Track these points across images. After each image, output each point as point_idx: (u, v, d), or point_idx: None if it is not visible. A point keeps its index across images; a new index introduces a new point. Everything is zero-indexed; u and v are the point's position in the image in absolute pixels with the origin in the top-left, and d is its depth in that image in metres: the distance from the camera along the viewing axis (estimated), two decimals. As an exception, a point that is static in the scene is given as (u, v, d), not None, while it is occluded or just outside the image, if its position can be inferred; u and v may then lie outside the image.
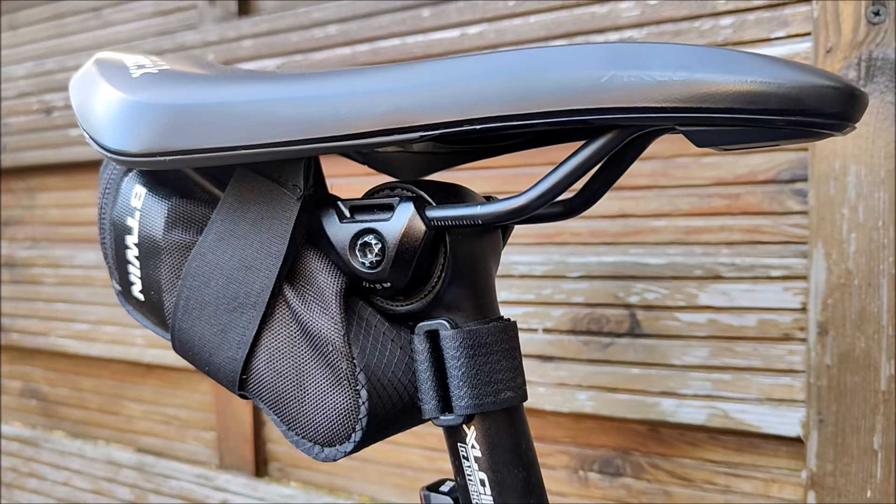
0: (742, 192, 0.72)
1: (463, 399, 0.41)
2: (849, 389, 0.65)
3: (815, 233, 0.66)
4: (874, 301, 0.64)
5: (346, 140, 0.39)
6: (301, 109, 0.40)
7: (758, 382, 0.69)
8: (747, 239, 0.72)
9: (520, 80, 0.37)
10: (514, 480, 0.42)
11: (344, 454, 0.43)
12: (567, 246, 0.80)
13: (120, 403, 1.19)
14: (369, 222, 0.42)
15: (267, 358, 0.44)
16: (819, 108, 0.33)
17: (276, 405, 0.45)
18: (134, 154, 0.41)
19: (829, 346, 0.66)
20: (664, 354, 0.73)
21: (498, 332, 0.43)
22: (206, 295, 0.45)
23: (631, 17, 0.73)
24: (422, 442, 0.92)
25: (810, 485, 0.68)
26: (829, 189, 0.65)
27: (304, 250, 0.44)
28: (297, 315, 0.43)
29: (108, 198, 0.48)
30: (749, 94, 0.33)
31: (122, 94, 0.42)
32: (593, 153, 0.38)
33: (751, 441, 0.73)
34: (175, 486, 1.09)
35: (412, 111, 0.38)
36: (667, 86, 0.34)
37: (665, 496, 0.77)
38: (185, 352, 0.47)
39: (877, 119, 0.63)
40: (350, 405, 0.42)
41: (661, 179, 0.75)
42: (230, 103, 0.41)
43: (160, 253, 0.46)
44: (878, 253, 0.63)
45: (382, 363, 0.43)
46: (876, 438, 0.64)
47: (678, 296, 0.72)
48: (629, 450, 0.79)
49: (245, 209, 0.44)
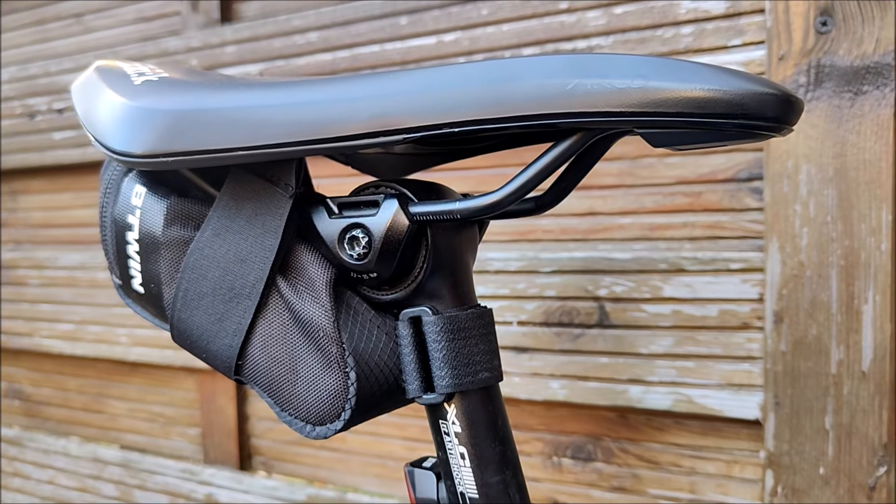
0: (703, 190, 0.76)
1: (444, 379, 0.45)
2: (802, 374, 0.70)
3: (771, 228, 0.70)
4: (824, 291, 0.68)
5: (335, 142, 0.43)
6: (293, 114, 0.44)
7: (719, 369, 0.74)
8: (708, 234, 0.76)
9: (493, 88, 0.41)
10: (492, 454, 0.46)
11: (334, 432, 0.47)
12: (539, 243, 0.84)
13: (104, 402, 1.21)
14: (356, 218, 0.46)
15: (261, 344, 0.48)
16: (760, 113, 0.37)
17: (270, 388, 0.48)
18: (138, 155, 0.45)
19: (784, 333, 0.70)
20: (631, 344, 0.78)
21: (476, 318, 0.47)
22: (203, 286, 0.48)
23: (598, 25, 0.77)
24: (403, 433, 0.95)
25: (768, 464, 0.72)
26: (783, 187, 0.70)
27: (295, 244, 0.48)
28: (289, 304, 0.47)
29: (110, 197, 0.51)
30: (698, 100, 0.37)
31: (126, 100, 0.46)
32: (560, 153, 0.42)
33: (713, 425, 0.77)
34: (160, 482, 1.12)
35: (396, 115, 0.42)
36: (625, 92, 0.38)
37: (634, 479, 0.82)
38: (183, 340, 0.50)
39: (825, 122, 0.68)
40: (340, 386, 0.46)
41: (628, 179, 0.80)
42: (227, 108, 0.44)
43: (160, 248, 0.49)
44: (827, 246, 0.68)
45: (369, 348, 0.46)
46: (827, 419, 0.69)
47: (644, 288, 0.77)
48: (600, 436, 0.83)
49: (240, 206, 0.48)
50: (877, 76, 0.65)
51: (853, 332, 0.67)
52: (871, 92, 0.66)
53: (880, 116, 0.65)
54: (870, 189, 0.66)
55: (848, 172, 0.67)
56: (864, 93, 0.66)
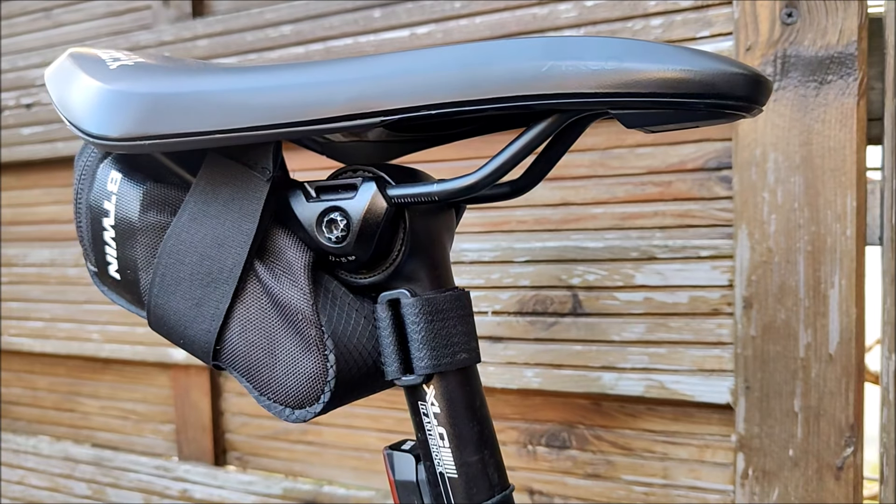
0: (673, 179, 0.77)
1: (423, 360, 0.46)
2: (771, 358, 0.71)
3: (740, 215, 0.72)
4: (792, 276, 0.70)
5: (312, 125, 0.43)
6: (271, 97, 0.44)
7: (690, 355, 0.75)
8: (679, 223, 0.77)
9: (470, 70, 0.41)
10: (470, 433, 0.47)
11: (313, 415, 0.47)
12: (513, 233, 0.85)
13: (75, 400, 1.20)
14: (334, 201, 0.46)
15: (240, 329, 0.48)
16: (730, 92, 0.38)
17: (249, 372, 0.48)
18: (114, 138, 0.44)
19: (753, 318, 0.72)
20: (604, 331, 0.79)
21: (453, 300, 0.47)
22: (180, 271, 0.48)
23: (569, 17, 0.78)
24: (378, 425, 0.95)
25: (739, 447, 0.74)
26: (751, 175, 0.71)
27: (272, 229, 0.48)
28: (267, 288, 0.47)
29: (84, 183, 0.51)
30: (671, 81, 0.38)
31: (102, 84, 0.45)
32: (536, 136, 0.43)
33: (685, 410, 0.78)
34: (134, 479, 1.11)
35: (373, 98, 0.42)
36: (599, 74, 0.39)
37: (608, 466, 0.83)
38: (160, 327, 0.50)
39: (791, 110, 0.69)
40: (319, 369, 0.46)
41: (599, 169, 0.81)
42: (205, 92, 0.44)
43: (136, 233, 0.49)
44: (794, 232, 0.70)
45: (348, 331, 0.47)
46: (796, 402, 0.71)
47: (616, 277, 0.78)
48: (574, 423, 0.84)
49: (217, 191, 0.48)
50: (840, 66, 0.67)
51: (820, 316, 0.69)
52: (836, 81, 0.67)
53: (844, 105, 0.67)
54: (835, 176, 0.68)
55: (814, 160, 0.68)
56: (829, 82, 0.68)
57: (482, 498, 0.46)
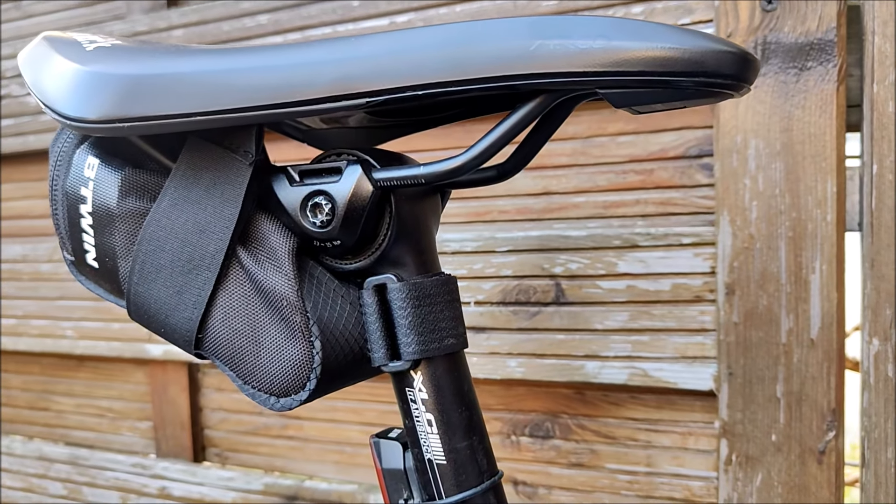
0: (655, 167, 0.77)
1: (410, 346, 0.45)
2: (754, 344, 0.71)
3: (721, 202, 0.72)
4: (774, 262, 0.70)
5: (296, 107, 0.42)
6: (253, 79, 0.43)
7: (673, 342, 0.75)
8: (660, 211, 0.77)
9: (457, 50, 0.41)
10: (459, 419, 0.46)
11: (299, 403, 0.46)
12: (495, 223, 0.85)
13: (49, 399, 1.18)
14: (319, 185, 0.45)
15: (222, 316, 0.47)
16: (718, 70, 0.38)
17: (232, 361, 0.47)
18: (92, 121, 0.43)
19: (735, 305, 0.72)
20: (587, 320, 0.78)
21: (440, 285, 0.47)
22: (161, 259, 0.47)
23: (549, 6, 0.77)
24: (360, 418, 0.95)
25: (722, 433, 0.74)
26: (733, 162, 0.71)
27: (255, 214, 0.47)
28: (250, 274, 0.46)
29: (60, 169, 0.50)
30: (659, 59, 0.38)
31: (79, 66, 0.44)
32: (523, 116, 0.42)
33: (668, 398, 0.79)
34: (110, 478, 1.09)
35: (359, 79, 0.42)
36: (588, 53, 0.39)
37: (592, 455, 0.83)
38: (140, 316, 0.49)
39: (772, 97, 0.69)
40: (304, 356, 0.45)
41: (581, 158, 0.80)
42: (186, 73, 0.43)
43: (115, 220, 0.48)
44: (776, 218, 0.70)
45: (334, 317, 0.46)
46: (778, 387, 0.71)
47: (599, 265, 0.78)
48: (557, 413, 0.84)
49: (198, 176, 0.47)
50: (820, 52, 0.67)
51: (802, 302, 0.69)
52: (816, 68, 0.68)
53: (824, 91, 0.67)
54: (815, 162, 0.68)
55: (794, 146, 0.69)
56: (809, 68, 0.68)
57: (472, 484, 0.46)
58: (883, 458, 0.68)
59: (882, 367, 0.67)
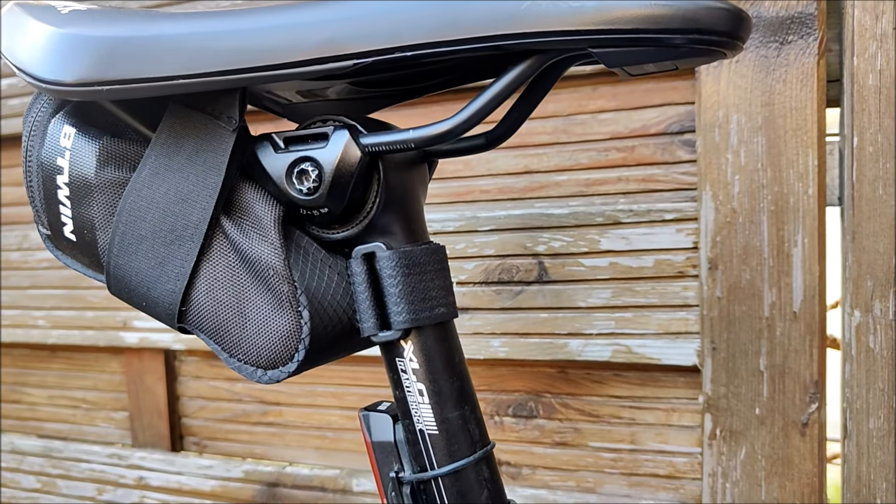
0: (636, 144, 0.77)
1: (401, 315, 0.44)
2: (737, 318, 0.72)
3: (704, 177, 0.72)
4: (756, 236, 0.70)
5: (282, 69, 0.41)
6: (237, 40, 0.42)
7: (656, 318, 0.75)
8: (642, 188, 0.77)
9: (447, 9, 0.40)
10: (450, 389, 0.46)
11: (287, 374, 0.45)
12: (477, 203, 0.84)
13: (21, 391, 1.15)
14: (305, 151, 0.44)
15: (206, 288, 0.46)
16: (712, 27, 0.38)
17: (217, 333, 0.46)
18: (69, 84, 0.42)
19: (718, 279, 0.72)
20: (570, 298, 0.78)
21: (430, 254, 0.46)
22: (142, 229, 0.46)
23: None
24: (341, 403, 0.94)
25: (706, 408, 0.74)
26: (715, 137, 0.71)
27: (239, 183, 0.46)
28: (235, 244, 0.45)
29: (35, 140, 0.48)
30: (653, 16, 0.37)
31: (55, 28, 0.43)
32: (514, 78, 0.41)
33: (651, 375, 0.79)
34: (85, 469, 1.07)
35: (346, 40, 0.41)
36: (581, 11, 0.38)
37: (576, 433, 0.82)
38: (120, 290, 0.48)
39: (753, 71, 0.69)
40: (292, 326, 0.44)
41: (562, 136, 0.80)
42: (166, 35, 0.42)
43: (93, 191, 0.47)
44: (758, 192, 0.70)
45: (322, 287, 0.45)
46: (761, 360, 0.71)
47: (581, 243, 0.77)
48: (541, 392, 0.83)
49: (179, 143, 0.45)
50: (801, 26, 0.68)
51: (784, 275, 0.70)
52: (796, 41, 0.68)
53: (805, 65, 0.68)
54: (797, 136, 0.68)
55: (776, 120, 0.69)
56: (790, 42, 0.68)
57: (464, 454, 0.45)
58: (865, 428, 0.69)
59: (863, 338, 0.68)
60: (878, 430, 0.68)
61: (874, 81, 0.66)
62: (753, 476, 0.72)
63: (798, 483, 0.71)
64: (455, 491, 0.45)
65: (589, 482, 0.82)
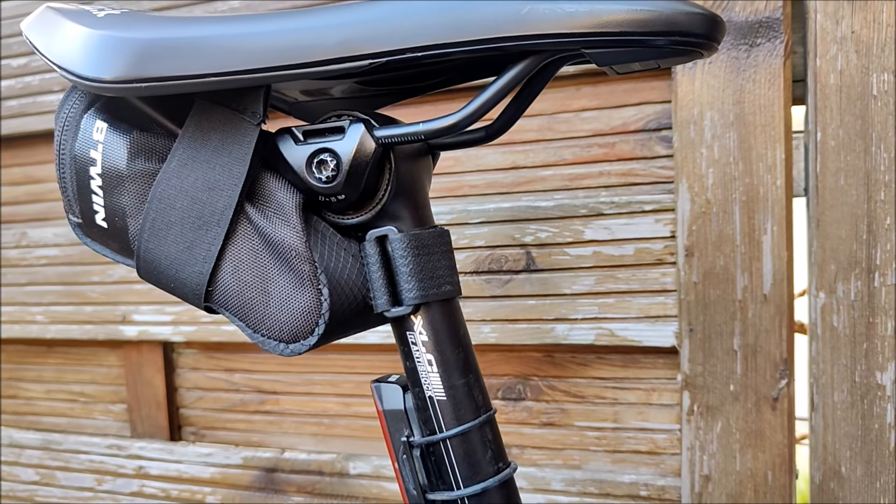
0: (617, 141, 0.82)
1: (412, 291, 0.49)
2: (712, 301, 0.77)
3: (680, 171, 0.77)
4: (729, 225, 0.76)
5: (303, 68, 0.46)
6: (262, 41, 0.46)
7: (637, 303, 0.80)
8: (623, 181, 0.82)
9: (454, 14, 0.44)
10: (456, 359, 0.50)
11: (307, 348, 0.49)
12: (467, 197, 0.89)
13: (18, 386, 1.18)
14: (323, 143, 0.48)
15: (232, 269, 0.50)
16: (690, 29, 0.43)
17: (242, 311, 0.50)
18: (109, 81, 0.46)
19: (694, 266, 0.77)
20: (556, 285, 0.83)
21: (437, 237, 0.50)
22: (172, 216, 0.50)
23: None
24: (337, 390, 0.98)
25: (684, 386, 0.79)
26: (690, 133, 0.76)
27: (262, 172, 0.50)
28: (259, 229, 0.49)
29: (68, 134, 0.52)
30: (638, 20, 0.42)
31: (94, 30, 0.47)
32: (514, 76, 0.46)
33: (633, 357, 0.84)
34: (85, 461, 1.10)
35: (362, 41, 0.45)
36: (575, 16, 0.43)
37: (562, 414, 0.87)
38: (149, 272, 0.52)
39: (725, 72, 0.75)
40: (313, 303, 0.49)
41: (548, 133, 0.85)
42: (198, 37, 0.46)
43: (124, 181, 0.51)
44: (730, 184, 0.75)
45: (339, 267, 0.49)
46: (735, 340, 0.77)
47: (566, 233, 0.82)
48: (529, 376, 0.88)
49: (206, 137, 0.49)
50: (768, 30, 0.73)
51: (755, 261, 0.75)
52: (764, 44, 0.73)
53: (772, 66, 0.73)
54: (765, 131, 0.74)
55: (746, 117, 0.74)
56: (758, 45, 0.74)
57: (469, 418, 0.50)
58: (830, 401, 0.74)
59: (828, 318, 0.74)
60: (842, 403, 0.74)
61: (835, 81, 0.72)
62: (729, 448, 0.78)
63: (770, 454, 0.76)
64: (462, 451, 0.50)
65: (575, 460, 0.87)
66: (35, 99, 1.06)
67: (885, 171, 0.70)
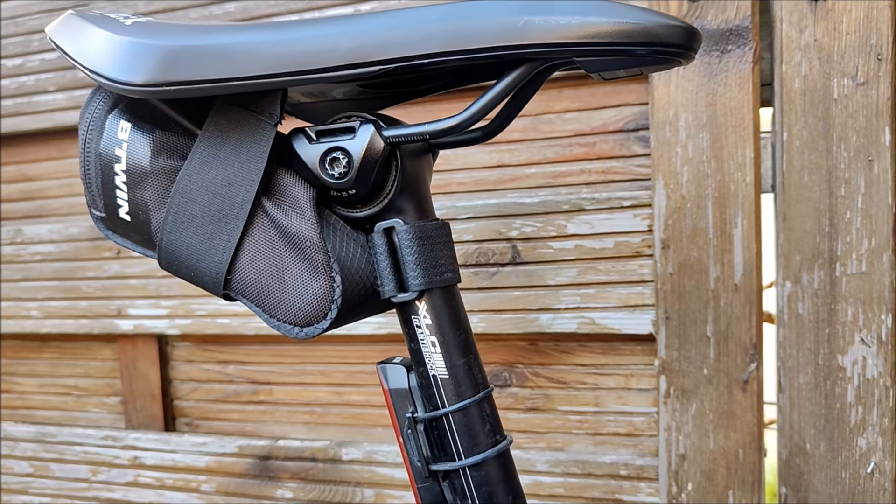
0: (597, 141, 0.87)
1: (417, 278, 0.53)
2: (687, 291, 0.82)
3: (656, 169, 0.82)
4: (702, 219, 0.81)
5: (319, 73, 0.50)
6: (280, 48, 0.50)
7: (617, 293, 0.86)
8: (603, 179, 0.87)
9: (457, 24, 0.49)
10: (458, 341, 0.55)
11: (321, 331, 0.54)
12: (455, 194, 0.93)
13: (12, 381, 1.20)
14: (335, 142, 0.53)
15: (249, 258, 0.54)
16: (670, 40, 0.47)
17: (259, 297, 0.54)
18: (139, 84, 0.50)
19: (670, 257, 0.82)
20: (541, 277, 0.88)
21: (439, 228, 0.55)
22: (193, 209, 0.54)
23: (503, -5, 0.86)
24: (329, 379, 1.02)
25: (661, 371, 0.84)
26: (666, 133, 0.82)
27: (277, 169, 0.54)
28: (275, 221, 0.53)
29: (93, 133, 0.55)
30: (626, 32, 0.47)
31: (124, 37, 0.50)
32: (511, 82, 0.51)
33: (612, 344, 0.89)
34: (79, 452, 1.12)
35: (373, 49, 0.49)
36: (568, 27, 0.47)
37: (546, 399, 0.92)
38: (171, 262, 0.55)
39: (698, 76, 0.80)
40: (326, 289, 0.53)
41: (532, 134, 0.90)
42: (221, 44, 0.50)
43: (147, 177, 0.54)
44: (703, 181, 0.81)
45: (349, 256, 0.53)
46: (708, 327, 0.82)
47: (550, 228, 0.87)
48: (514, 363, 0.93)
49: (225, 136, 0.53)
50: (738, 37, 0.78)
51: (727, 252, 0.80)
52: (734, 50, 0.79)
53: (742, 71, 0.79)
54: (736, 132, 0.79)
55: (718, 118, 0.80)
56: (729, 51, 0.79)
57: (469, 394, 0.54)
58: (796, 383, 0.80)
59: (794, 305, 0.79)
60: (806, 385, 0.80)
61: (800, 85, 0.77)
62: (703, 428, 0.83)
63: (741, 433, 0.82)
64: (462, 425, 0.54)
65: (558, 442, 0.92)
66: (30, 99, 1.08)
67: (845, 169, 0.76)
